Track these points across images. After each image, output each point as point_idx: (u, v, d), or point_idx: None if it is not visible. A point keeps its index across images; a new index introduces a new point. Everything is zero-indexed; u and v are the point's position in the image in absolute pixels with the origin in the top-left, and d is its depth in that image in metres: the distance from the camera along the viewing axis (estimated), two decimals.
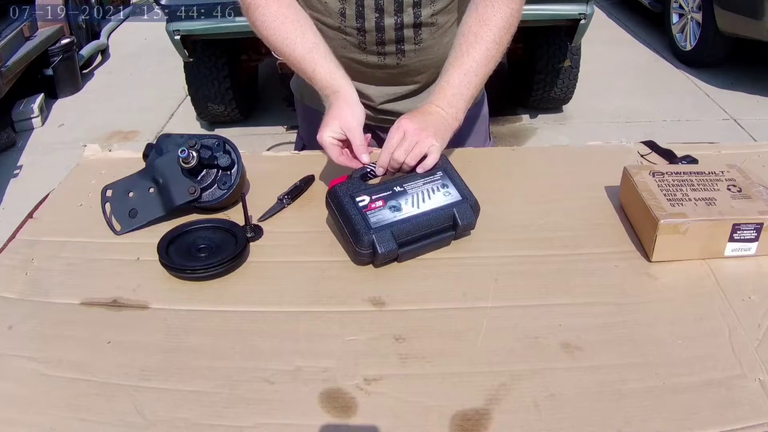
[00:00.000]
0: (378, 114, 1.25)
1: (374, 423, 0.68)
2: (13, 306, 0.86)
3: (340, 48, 1.14)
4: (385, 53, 1.14)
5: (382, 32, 1.10)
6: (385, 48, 1.13)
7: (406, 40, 1.12)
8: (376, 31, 1.10)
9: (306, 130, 1.38)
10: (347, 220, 0.90)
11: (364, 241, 0.87)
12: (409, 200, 0.93)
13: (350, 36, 1.12)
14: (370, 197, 0.92)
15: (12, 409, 0.71)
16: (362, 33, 1.10)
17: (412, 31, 1.11)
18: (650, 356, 0.75)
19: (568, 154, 1.23)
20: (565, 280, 0.88)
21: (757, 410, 0.68)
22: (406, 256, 0.92)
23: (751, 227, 0.88)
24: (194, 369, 0.75)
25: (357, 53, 1.14)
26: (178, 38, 2.90)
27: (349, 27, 1.10)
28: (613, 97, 3.93)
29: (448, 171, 0.98)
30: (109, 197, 1.04)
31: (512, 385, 0.72)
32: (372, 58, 1.15)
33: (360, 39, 1.12)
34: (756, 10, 3.60)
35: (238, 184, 1.03)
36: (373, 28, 1.09)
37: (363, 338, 0.79)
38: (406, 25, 1.10)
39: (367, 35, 1.11)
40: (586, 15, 2.89)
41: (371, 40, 1.11)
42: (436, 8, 1.09)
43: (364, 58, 1.15)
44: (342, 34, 1.12)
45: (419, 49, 1.14)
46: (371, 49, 1.13)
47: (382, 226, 0.89)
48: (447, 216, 0.92)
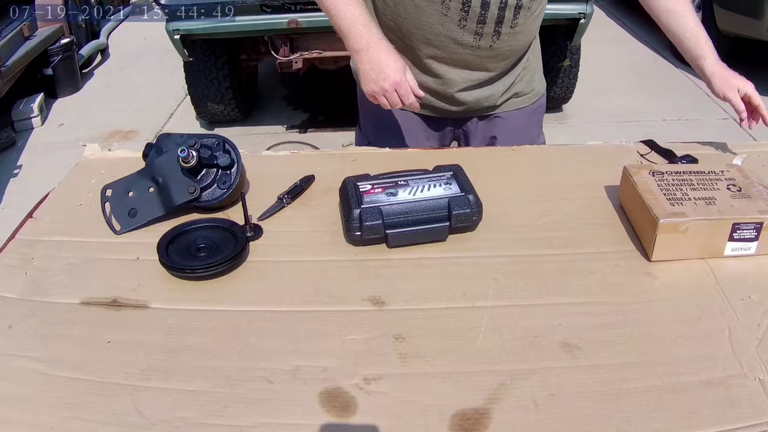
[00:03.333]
0: (449, 100, 1.26)
1: (374, 423, 0.68)
2: (12, 306, 0.86)
3: (437, 24, 1.14)
4: (482, 33, 1.15)
5: (486, 9, 1.11)
6: (484, 27, 1.14)
7: (505, 22, 1.13)
8: (480, 7, 1.11)
9: (371, 125, 1.38)
10: (344, 202, 0.96)
11: (353, 214, 0.92)
12: (407, 190, 0.97)
13: (452, 11, 1.12)
14: (371, 185, 0.98)
15: (12, 408, 0.71)
16: (467, 8, 1.11)
17: (513, 12, 1.13)
18: (650, 356, 0.75)
19: (568, 154, 1.23)
20: (564, 279, 0.88)
21: (757, 410, 0.68)
22: (397, 240, 0.93)
23: (751, 227, 0.88)
24: (194, 369, 0.75)
25: (455, 30, 1.14)
26: (178, 38, 2.90)
27: (454, 1, 1.10)
28: (612, 97, 3.93)
29: (458, 174, 1.00)
30: (109, 197, 1.04)
31: (512, 385, 0.71)
32: (468, 37, 1.15)
33: (462, 15, 1.12)
34: (756, 9, 3.60)
35: (238, 183, 1.03)
36: (478, 3, 1.10)
37: (362, 338, 0.79)
38: (509, 5, 1.11)
39: (471, 11, 1.11)
40: (585, 14, 2.89)
41: (473, 17, 1.12)
42: None
43: (460, 37, 1.15)
44: (444, 8, 1.12)
45: (513, 32, 1.16)
46: (470, 26, 1.13)
47: (372, 206, 0.93)
48: (441, 205, 0.93)
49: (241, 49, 3.47)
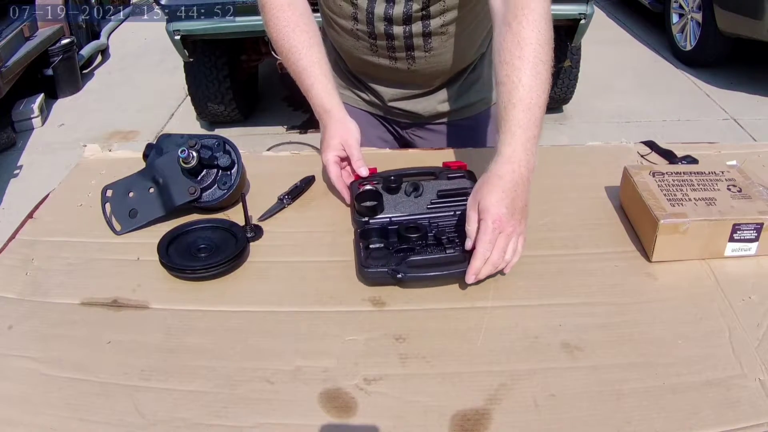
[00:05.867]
0: (387, 110, 1.27)
1: (374, 423, 0.68)
2: (13, 306, 0.86)
3: (353, 49, 1.15)
4: (396, 58, 1.15)
5: (392, 39, 1.11)
6: (395, 53, 1.13)
7: (416, 48, 1.12)
8: (386, 38, 1.11)
9: None
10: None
11: None
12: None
13: (362, 39, 1.13)
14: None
15: (12, 409, 0.71)
16: (373, 37, 1.12)
17: (422, 39, 1.11)
18: (650, 356, 0.75)
19: (568, 154, 1.23)
20: (565, 280, 0.88)
21: (757, 410, 0.68)
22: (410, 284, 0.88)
23: (751, 227, 0.88)
24: (194, 369, 0.75)
25: (369, 55, 1.15)
26: (178, 38, 2.90)
27: (360, 31, 1.11)
28: (612, 97, 3.94)
29: None
30: (109, 197, 1.04)
31: (512, 385, 0.71)
32: (384, 61, 1.16)
33: (371, 43, 1.13)
34: (756, 10, 3.60)
35: (238, 184, 1.03)
36: (382, 34, 1.10)
37: (363, 338, 0.79)
38: (416, 34, 1.10)
39: (377, 41, 1.12)
40: (586, 15, 2.89)
41: (382, 45, 1.12)
42: (446, 19, 1.09)
43: (375, 61, 1.16)
44: (354, 37, 1.13)
45: (429, 56, 1.14)
46: (382, 53, 1.14)
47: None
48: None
49: (241, 49, 3.48)
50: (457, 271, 0.84)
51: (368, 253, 0.89)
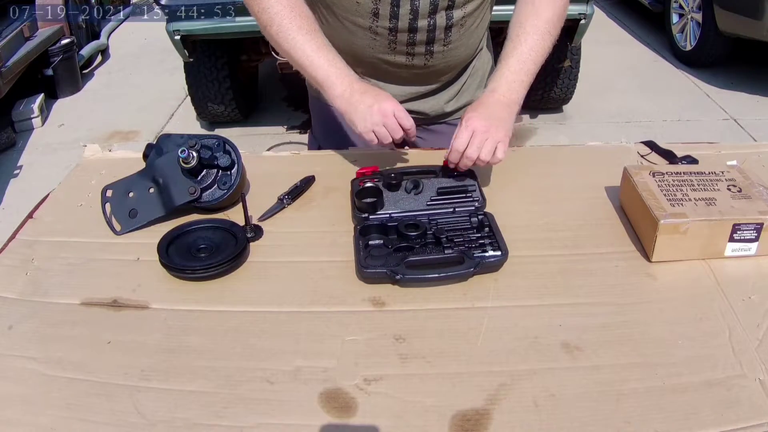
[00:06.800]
0: None
1: (374, 423, 0.68)
2: (13, 306, 0.86)
3: (367, 48, 1.14)
4: (414, 53, 1.14)
5: (415, 33, 1.11)
6: (415, 48, 1.13)
7: (436, 41, 1.13)
8: (408, 32, 1.10)
9: (321, 129, 1.38)
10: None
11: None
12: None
13: (380, 36, 1.12)
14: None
15: (12, 409, 0.71)
16: (394, 33, 1.11)
17: (444, 32, 1.12)
18: (650, 356, 0.75)
19: (568, 154, 1.23)
20: (565, 280, 0.88)
21: (757, 410, 0.68)
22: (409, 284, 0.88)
23: (751, 227, 0.88)
24: (194, 369, 0.75)
25: (385, 53, 1.15)
26: (178, 38, 2.90)
27: (381, 27, 1.10)
28: (613, 97, 3.93)
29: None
30: (109, 197, 1.04)
31: (512, 385, 0.71)
32: (400, 58, 1.15)
33: (391, 39, 1.12)
34: (756, 10, 3.59)
35: (238, 184, 1.03)
36: (406, 28, 1.10)
37: (363, 338, 0.79)
38: (439, 26, 1.10)
39: (399, 36, 1.11)
40: (586, 15, 2.89)
41: (402, 41, 1.12)
42: (467, 10, 1.11)
43: (391, 58, 1.16)
44: (372, 34, 1.12)
45: (447, 50, 1.15)
46: (401, 49, 1.14)
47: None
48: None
49: (241, 49, 3.47)
50: (455, 274, 0.86)
51: (367, 252, 0.90)
